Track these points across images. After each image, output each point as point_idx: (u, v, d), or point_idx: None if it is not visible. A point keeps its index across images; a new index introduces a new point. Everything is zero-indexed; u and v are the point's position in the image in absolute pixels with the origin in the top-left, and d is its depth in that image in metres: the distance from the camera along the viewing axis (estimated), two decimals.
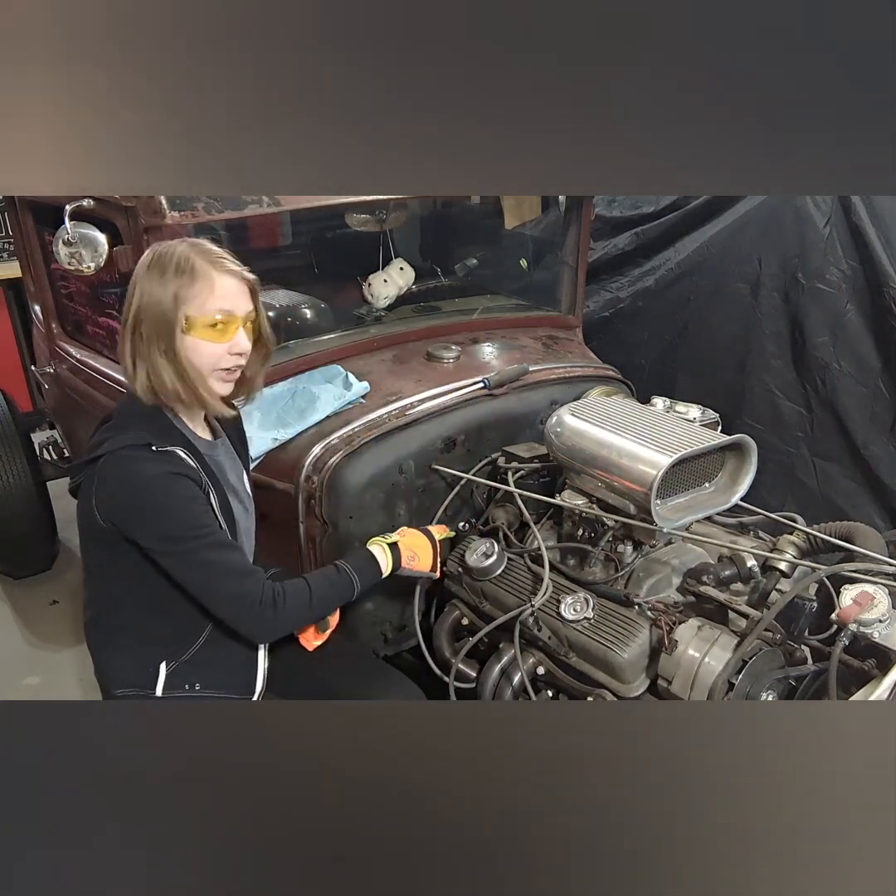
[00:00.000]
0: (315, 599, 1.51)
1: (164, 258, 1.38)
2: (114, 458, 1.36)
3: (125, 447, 1.36)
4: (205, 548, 1.39)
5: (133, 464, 1.35)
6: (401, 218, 2.77)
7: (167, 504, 1.37)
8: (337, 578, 1.57)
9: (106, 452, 1.37)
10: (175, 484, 1.38)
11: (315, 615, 1.60)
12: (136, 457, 1.36)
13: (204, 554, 1.39)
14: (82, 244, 1.75)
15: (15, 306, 4.38)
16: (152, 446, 1.37)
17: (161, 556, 1.39)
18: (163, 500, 1.36)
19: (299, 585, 1.51)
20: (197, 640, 1.51)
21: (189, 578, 1.41)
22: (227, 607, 1.45)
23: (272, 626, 1.48)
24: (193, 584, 1.42)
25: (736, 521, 1.85)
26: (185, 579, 1.41)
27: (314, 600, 1.51)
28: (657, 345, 3.14)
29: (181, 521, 1.38)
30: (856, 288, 2.50)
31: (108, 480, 1.37)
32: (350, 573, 1.58)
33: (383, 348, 2.27)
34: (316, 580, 1.55)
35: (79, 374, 2.52)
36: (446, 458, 1.99)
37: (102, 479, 1.37)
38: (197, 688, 1.52)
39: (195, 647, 1.51)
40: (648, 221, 3.12)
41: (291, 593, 1.47)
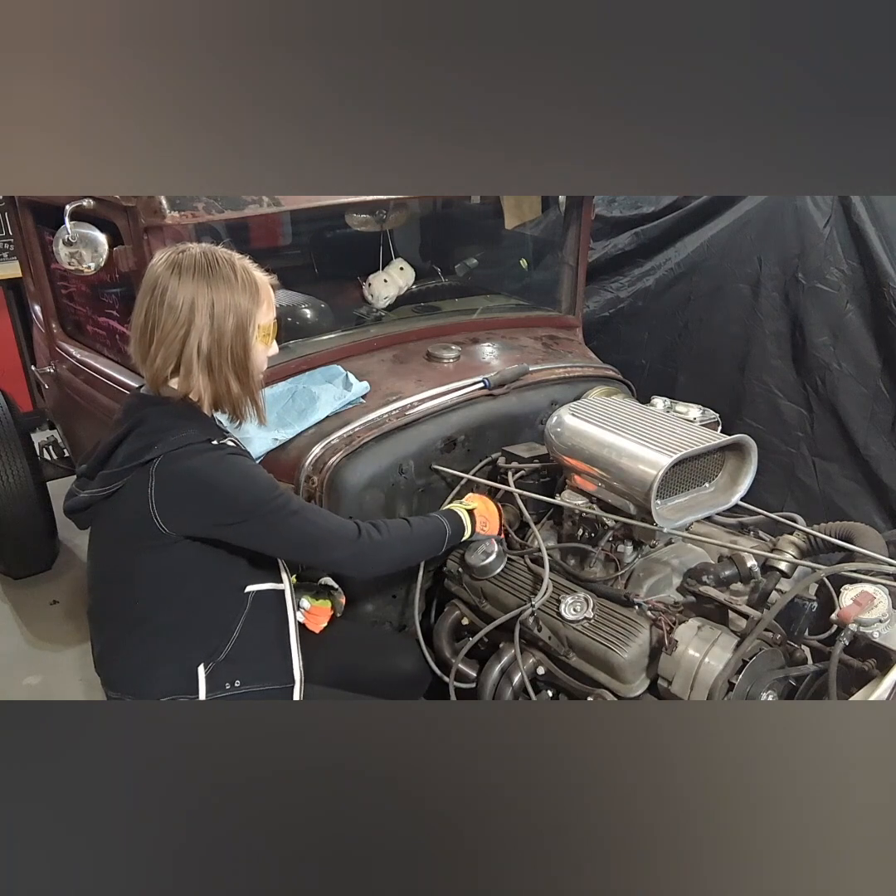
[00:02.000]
0: (415, 531, 1.63)
1: (219, 267, 1.39)
2: (173, 457, 1.36)
3: (185, 445, 1.37)
4: (291, 500, 1.47)
5: (195, 456, 1.38)
6: (401, 218, 2.76)
7: (244, 476, 1.43)
8: (432, 521, 1.68)
9: (162, 454, 1.36)
10: (240, 460, 1.46)
11: (414, 548, 1.67)
12: (198, 449, 1.38)
13: (293, 505, 1.46)
14: (82, 244, 1.76)
15: (15, 306, 4.38)
16: (211, 440, 1.41)
17: (251, 526, 1.42)
18: (238, 474, 1.43)
19: (399, 521, 1.65)
20: (231, 636, 1.50)
21: (287, 534, 1.46)
22: (333, 543, 1.51)
23: (378, 551, 1.56)
24: (293, 537, 1.48)
25: (736, 521, 1.85)
26: (283, 537, 1.47)
27: (415, 532, 1.63)
28: (657, 345, 3.14)
29: (263, 485, 1.44)
30: (856, 288, 2.49)
31: (172, 479, 1.36)
32: (445, 523, 1.68)
33: (383, 348, 2.27)
34: (415, 520, 1.67)
35: (79, 374, 2.52)
36: (446, 458, 1.99)
37: (164, 480, 1.36)
38: (237, 685, 1.51)
39: (230, 644, 1.50)
40: (648, 221, 3.12)
41: (393, 525, 1.60)
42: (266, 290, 1.46)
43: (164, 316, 1.37)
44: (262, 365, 1.50)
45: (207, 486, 1.38)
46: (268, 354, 1.51)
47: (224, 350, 1.40)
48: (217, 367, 1.41)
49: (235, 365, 1.42)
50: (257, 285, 1.44)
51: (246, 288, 1.41)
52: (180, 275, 1.37)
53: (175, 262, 1.38)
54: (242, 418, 1.51)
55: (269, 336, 1.49)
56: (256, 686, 1.53)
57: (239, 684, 1.51)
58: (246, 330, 1.41)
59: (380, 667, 1.77)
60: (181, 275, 1.37)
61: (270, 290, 1.48)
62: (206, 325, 1.37)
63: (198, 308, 1.37)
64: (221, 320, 1.38)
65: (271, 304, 1.48)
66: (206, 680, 1.48)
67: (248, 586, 1.52)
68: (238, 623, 1.51)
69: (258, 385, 1.50)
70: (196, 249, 1.41)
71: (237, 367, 1.43)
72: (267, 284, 1.47)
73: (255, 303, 1.42)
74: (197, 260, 1.39)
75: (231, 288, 1.39)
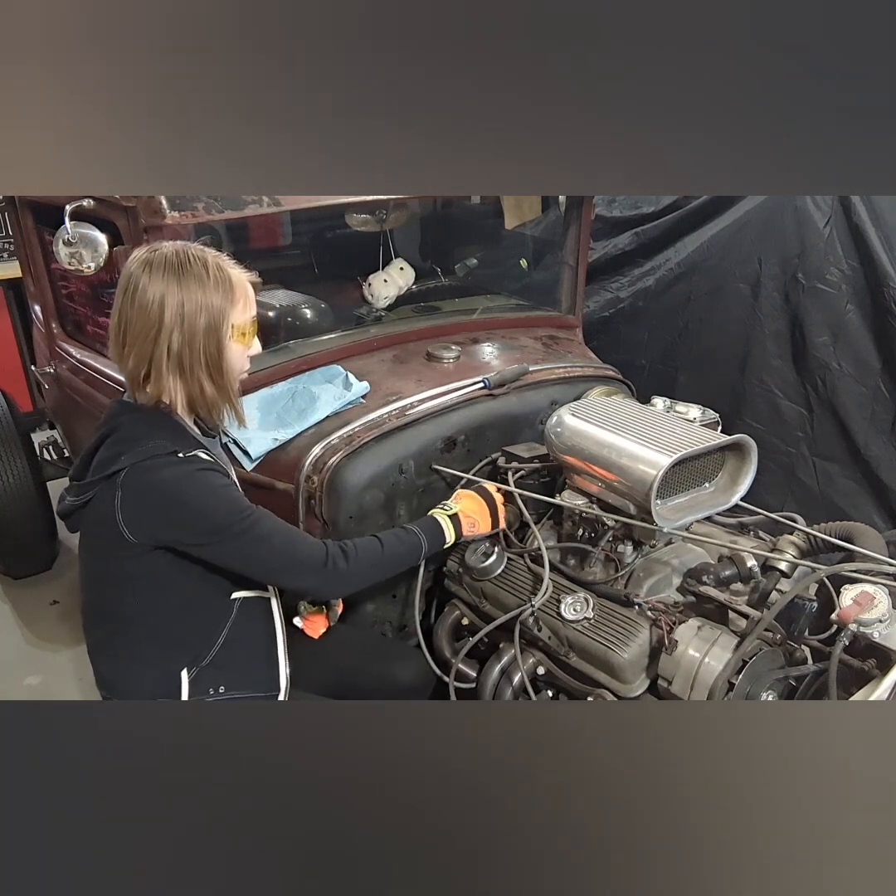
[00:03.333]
0: (387, 553, 1.56)
1: (191, 265, 1.35)
2: (139, 469, 1.33)
3: (151, 457, 1.33)
4: (256, 524, 1.40)
5: (162, 470, 1.33)
6: (401, 218, 2.77)
7: (208, 496, 1.37)
8: (407, 537, 1.62)
9: (128, 465, 1.33)
10: (208, 477, 1.38)
11: (385, 570, 1.61)
12: (164, 463, 1.34)
13: (258, 530, 1.40)
14: (82, 244, 1.76)
15: (15, 306, 4.38)
16: (178, 453, 1.36)
17: (214, 549, 1.38)
18: (202, 494, 1.37)
19: (370, 540, 1.57)
20: (216, 641, 1.49)
21: (249, 559, 1.41)
22: (297, 571, 1.46)
23: (344, 579, 1.51)
24: (255, 564, 1.42)
25: (736, 521, 1.85)
26: (246, 562, 1.41)
27: (386, 554, 1.56)
28: (657, 345, 3.14)
29: (227, 508, 1.38)
30: (856, 288, 2.50)
31: (137, 491, 1.33)
32: (419, 535, 1.62)
33: (383, 348, 2.27)
34: (387, 537, 1.59)
35: (79, 374, 2.52)
36: (446, 458, 1.99)
37: (130, 492, 1.33)
38: (221, 690, 1.50)
39: (214, 650, 1.48)
40: (648, 221, 3.12)
41: (363, 546, 1.53)
42: (242, 288, 1.41)
43: (135, 316, 1.34)
44: (239, 365, 1.45)
45: (172, 502, 1.35)
46: (248, 354, 1.47)
47: (195, 350, 1.36)
48: (189, 368, 1.37)
49: (209, 366, 1.38)
50: (231, 283, 1.39)
51: (219, 286, 1.36)
52: (151, 273, 1.34)
53: (147, 260, 1.36)
54: (220, 421, 1.49)
55: (247, 335, 1.43)
56: (240, 693, 1.52)
57: (223, 690, 1.50)
58: (219, 329, 1.37)
59: (378, 675, 1.73)
60: (151, 273, 1.34)
61: (249, 288, 1.43)
62: (175, 325, 1.34)
63: (167, 307, 1.33)
64: (192, 319, 1.34)
65: (249, 302, 1.43)
66: (190, 684, 1.47)
67: (234, 593, 1.50)
68: (223, 629, 1.49)
69: (235, 386, 1.45)
70: (168, 248, 1.37)
71: (210, 368, 1.39)
72: (244, 282, 1.42)
73: (230, 301, 1.38)
74: (168, 258, 1.35)
75: (202, 286, 1.35)
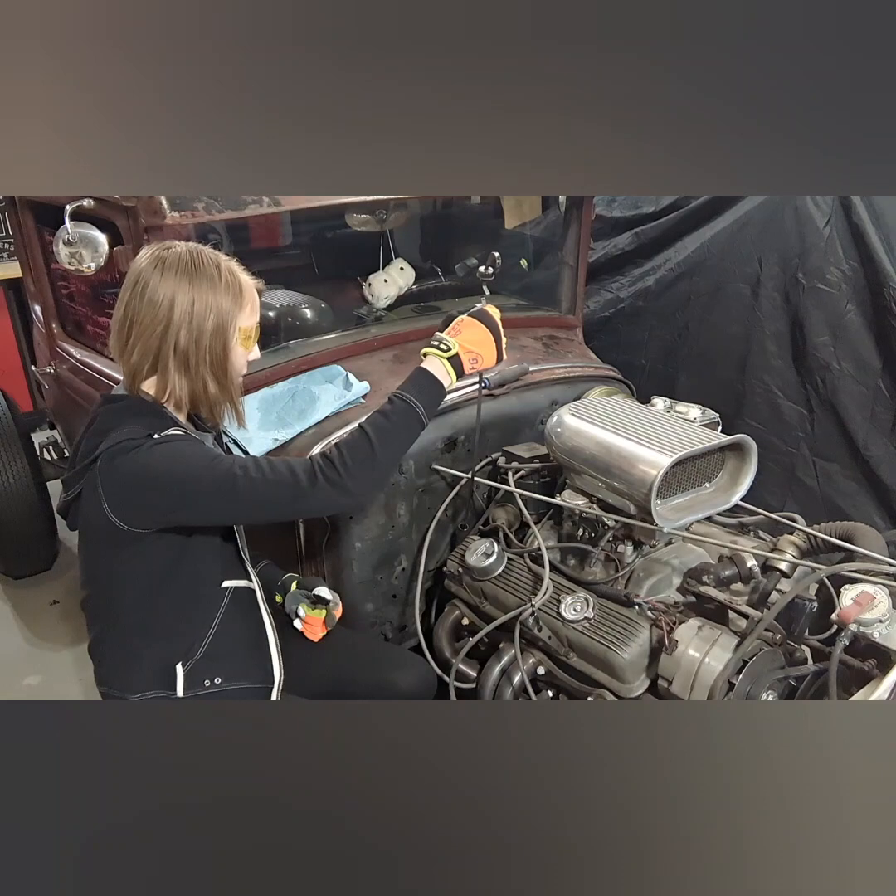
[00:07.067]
0: (377, 441, 1.41)
1: (204, 266, 1.37)
2: (111, 454, 1.34)
3: (122, 441, 1.34)
4: (233, 465, 1.36)
5: (134, 451, 1.33)
6: (401, 218, 2.76)
7: (176, 457, 1.35)
8: (392, 410, 1.46)
9: (101, 452, 1.34)
10: (175, 444, 1.37)
11: (386, 458, 1.45)
12: (136, 444, 1.34)
13: (236, 469, 1.35)
14: (82, 244, 1.75)
15: (15, 306, 4.38)
16: (152, 435, 1.36)
17: (205, 504, 1.36)
18: (171, 457, 1.34)
19: (353, 435, 1.43)
20: (208, 632, 1.49)
21: (240, 502, 1.37)
22: (292, 500, 1.39)
23: (343, 487, 1.38)
24: (247, 504, 1.37)
25: (736, 521, 1.85)
26: (239, 505, 1.38)
27: (376, 442, 1.41)
28: (657, 345, 3.14)
29: (197, 460, 1.36)
30: (856, 288, 2.49)
31: (114, 475, 1.34)
32: (408, 401, 1.47)
33: (383, 348, 2.27)
34: (369, 419, 1.45)
35: (79, 374, 2.52)
36: (446, 458, 1.99)
37: (107, 477, 1.34)
38: (218, 682, 1.50)
39: (208, 640, 1.49)
40: (648, 221, 3.12)
41: (348, 445, 1.41)
42: (250, 293, 1.44)
43: (143, 310, 1.36)
44: (241, 368, 1.48)
45: (147, 479, 1.34)
46: (249, 359, 1.49)
47: (202, 349, 1.38)
48: (194, 366, 1.39)
49: (214, 365, 1.40)
50: (241, 287, 1.42)
51: (229, 289, 1.39)
52: (163, 271, 1.36)
53: (159, 258, 1.37)
54: (220, 420, 1.50)
55: (251, 339, 1.46)
56: (235, 684, 1.52)
57: (220, 681, 1.50)
58: (226, 331, 1.39)
59: (376, 684, 1.68)
60: (164, 271, 1.36)
61: (255, 294, 1.46)
62: (184, 323, 1.35)
63: (178, 304, 1.35)
64: (201, 319, 1.36)
65: (255, 307, 1.46)
66: (185, 677, 1.47)
67: (224, 581, 1.52)
68: (216, 618, 1.50)
69: (237, 388, 1.48)
70: (182, 247, 1.39)
71: (215, 368, 1.41)
72: (252, 288, 1.45)
73: (238, 305, 1.40)
74: (181, 257, 1.37)
75: (214, 288, 1.37)
